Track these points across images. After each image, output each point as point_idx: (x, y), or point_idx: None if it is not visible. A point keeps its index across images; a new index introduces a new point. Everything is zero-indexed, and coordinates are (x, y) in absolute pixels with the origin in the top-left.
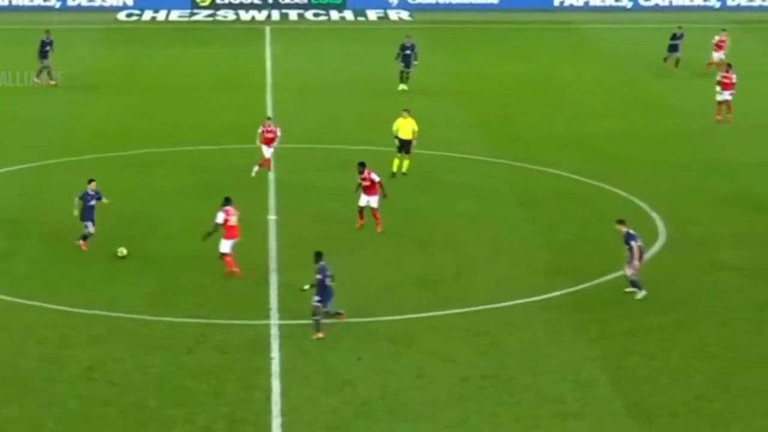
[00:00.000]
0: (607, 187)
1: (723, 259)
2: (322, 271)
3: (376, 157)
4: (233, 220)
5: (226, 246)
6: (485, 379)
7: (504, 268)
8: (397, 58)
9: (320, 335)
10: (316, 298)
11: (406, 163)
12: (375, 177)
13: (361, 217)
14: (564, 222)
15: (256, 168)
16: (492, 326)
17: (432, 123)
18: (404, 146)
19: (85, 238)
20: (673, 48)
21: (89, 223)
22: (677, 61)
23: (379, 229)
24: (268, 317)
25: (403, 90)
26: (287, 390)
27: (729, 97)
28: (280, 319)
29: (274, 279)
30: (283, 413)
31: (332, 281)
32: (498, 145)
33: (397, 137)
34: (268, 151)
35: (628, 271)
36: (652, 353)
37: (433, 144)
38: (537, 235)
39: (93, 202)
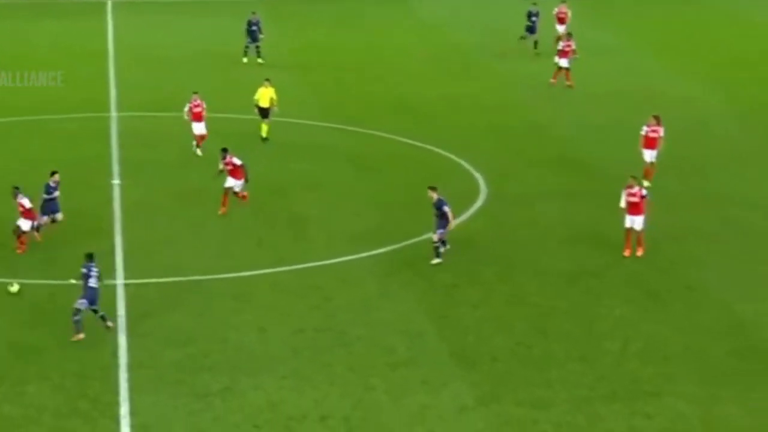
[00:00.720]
0: (435, 149)
1: (540, 215)
2: (88, 270)
3: (217, 124)
4: None
5: (26, 225)
6: (320, 331)
7: (337, 227)
8: (245, 33)
9: (80, 336)
10: (81, 300)
11: (265, 128)
12: (237, 161)
13: (225, 203)
14: (394, 183)
15: (194, 143)
16: (326, 282)
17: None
18: (264, 113)
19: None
20: (530, 29)
21: (45, 217)
22: (536, 44)
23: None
24: (113, 277)
25: (259, 63)
26: (133, 346)
27: (567, 65)
28: (126, 279)
29: (119, 241)
30: (130, 368)
31: (99, 282)
32: (332, 112)
33: (257, 105)
34: (198, 127)
35: (435, 237)
36: (474, 303)
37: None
38: (369, 195)
39: (56, 194)
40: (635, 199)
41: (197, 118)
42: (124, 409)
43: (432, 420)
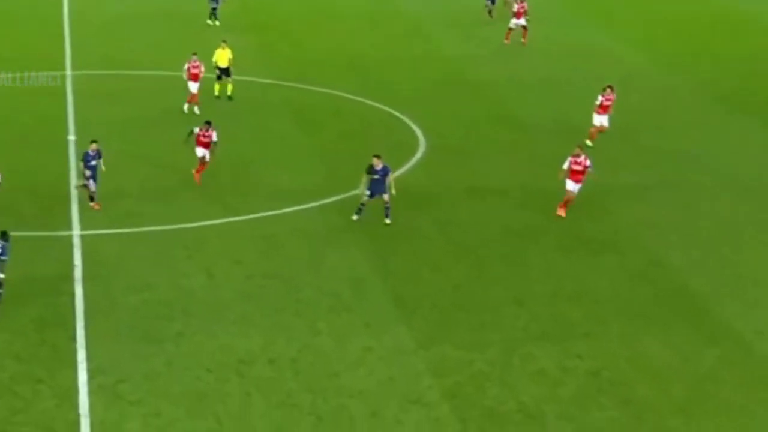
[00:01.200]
0: (378, 105)
1: (477, 167)
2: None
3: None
4: None
5: None
6: (268, 278)
7: (285, 179)
8: None
9: None
10: None
11: (229, 87)
12: (215, 137)
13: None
14: (339, 137)
15: (186, 105)
16: (274, 231)
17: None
18: (223, 72)
19: (91, 199)
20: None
21: (91, 181)
22: (490, 12)
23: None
24: (70, 228)
25: (214, 25)
26: (90, 294)
27: (525, 23)
28: (82, 230)
29: (74, 194)
30: (87, 315)
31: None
32: (282, 70)
33: (216, 66)
34: (194, 87)
35: (386, 197)
36: (414, 251)
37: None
38: (315, 149)
39: (94, 163)
40: (579, 168)
41: (194, 78)
42: (81, 355)
43: (374, 362)
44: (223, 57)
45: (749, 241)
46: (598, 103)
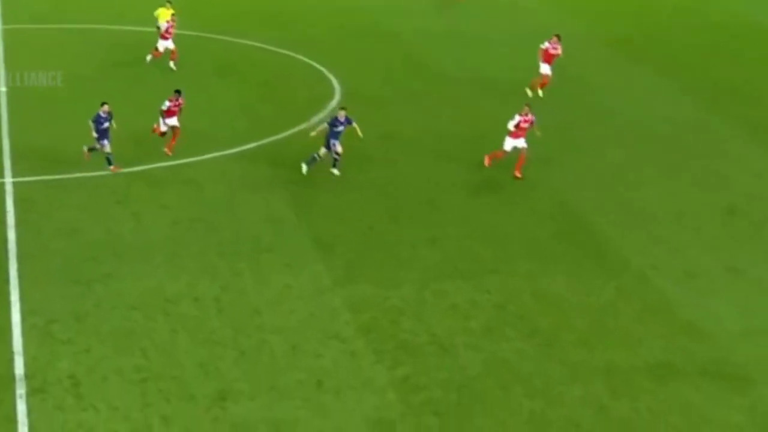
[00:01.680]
0: (295, 55)
1: (391, 112)
2: None
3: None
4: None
5: None
6: (193, 221)
7: (206, 127)
8: None
9: None
10: None
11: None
12: (181, 101)
13: (162, 133)
14: (258, 86)
15: (149, 57)
16: (198, 176)
17: (147, 6)
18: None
19: (109, 162)
20: None
21: (105, 142)
22: None
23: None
24: (2, 176)
25: None
26: (22, 238)
27: None
28: (13, 177)
29: (6, 143)
30: (20, 259)
31: None
32: (205, 24)
33: (158, 26)
34: (165, 43)
35: (339, 149)
36: (332, 193)
37: (145, 22)
38: (235, 98)
39: (106, 125)
40: (526, 125)
41: (165, 36)
42: (14, 296)
43: (293, 300)
44: (164, 15)
45: (647, 181)
46: (543, 47)
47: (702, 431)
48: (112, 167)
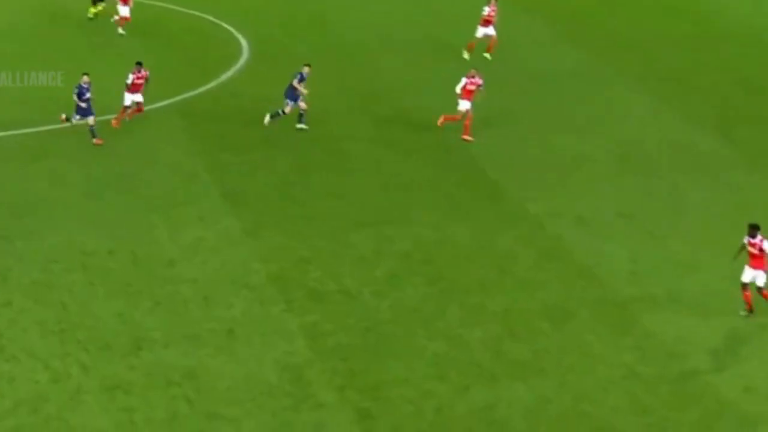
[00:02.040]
0: (202, 15)
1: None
2: None
3: None
4: None
5: None
6: (108, 177)
7: (118, 84)
8: None
9: None
10: None
11: (99, 8)
12: (144, 73)
13: (121, 117)
14: (168, 45)
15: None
16: (112, 133)
17: None
18: None
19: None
20: None
21: (90, 118)
22: None
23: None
24: None
25: None
26: None
27: None
28: None
29: None
30: None
31: None
32: None
33: None
34: (123, 10)
35: (303, 105)
36: (243, 149)
37: None
38: (144, 56)
39: (88, 95)
40: (473, 88)
41: (125, 1)
42: None
43: (206, 251)
44: None
45: (547, 135)
46: (485, 14)
47: (597, 371)
48: (95, 140)
